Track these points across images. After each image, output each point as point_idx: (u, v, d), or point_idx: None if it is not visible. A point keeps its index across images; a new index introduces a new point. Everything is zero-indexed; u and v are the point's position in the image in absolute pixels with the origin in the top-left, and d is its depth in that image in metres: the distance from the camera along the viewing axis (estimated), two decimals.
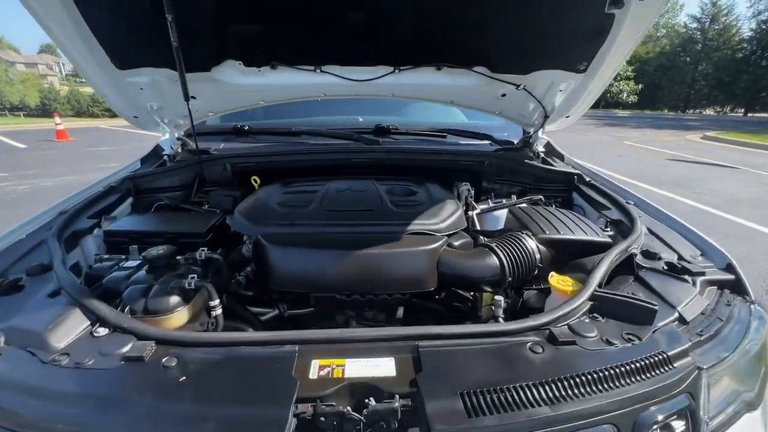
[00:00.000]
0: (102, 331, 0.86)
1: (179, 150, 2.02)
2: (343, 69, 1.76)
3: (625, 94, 37.29)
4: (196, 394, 0.72)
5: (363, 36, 1.61)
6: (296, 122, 2.34)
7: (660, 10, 1.43)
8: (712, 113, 38.05)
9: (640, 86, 37.48)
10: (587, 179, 1.78)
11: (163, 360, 0.78)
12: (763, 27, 32.35)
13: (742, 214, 5.42)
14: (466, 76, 1.81)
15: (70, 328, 0.85)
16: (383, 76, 1.78)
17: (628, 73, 37.33)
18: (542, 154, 2.15)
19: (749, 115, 33.89)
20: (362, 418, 0.69)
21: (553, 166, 1.99)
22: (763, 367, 0.99)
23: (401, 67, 1.76)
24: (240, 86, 1.81)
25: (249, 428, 0.67)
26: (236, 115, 2.25)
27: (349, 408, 0.70)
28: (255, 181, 1.81)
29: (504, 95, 1.92)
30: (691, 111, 38.87)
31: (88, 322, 0.88)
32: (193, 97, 1.83)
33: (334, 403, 0.71)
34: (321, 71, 1.76)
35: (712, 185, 7.14)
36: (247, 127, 2.18)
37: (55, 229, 1.23)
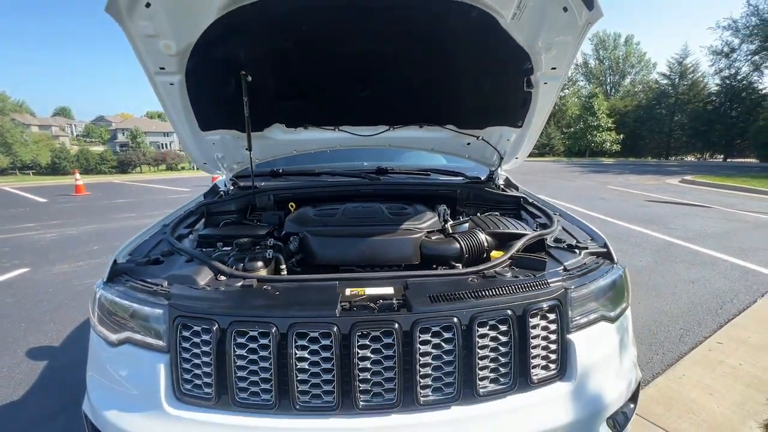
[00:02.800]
0: (222, 278, 1.48)
1: (231, 187, 2.72)
2: (354, 128, 2.52)
3: (608, 144, 39.45)
4: (286, 300, 1.34)
5: (368, 106, 2.38)
6: (317, 166, 3.09)
7: (559, 89, 2.19)
8: (693, 159, 39.83)
9: (621, 136, 39.75)
10: (530, 200, 2.47)
11: (264, 286, 1.40)
12: (727, 82, 35.23)
13: (708, 246, 5.86)
14: (440, 131, 2.57)
15: (205, 276, 1.48)
16: (382, 132, 2.54)
17: (609, 125, 39.71)
18: (502, 186, 2.86)
19: (728, 160, 35.60)
20: (376, 307, 1.31)
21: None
22: (624, 303, 1.60)
23: (394, 126, 2.52)
24: (280, 141, 2.56)
25: (318, 310, 1.28)
26: (269, 161, 2.99)
27: (369, 303, 1.32)
28: (291, 206, 2.49)
29: (469, 144, 2.67)
30: (673, 158, 40.75)
31: (212, 274, 1.51)
32: (248, 149, 2.58)
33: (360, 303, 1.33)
34: (338, 130, 2.52)
35: (684, 222, 7.59)
36: (281, 170, 2.92)
37: (169, 232, 1.88)
